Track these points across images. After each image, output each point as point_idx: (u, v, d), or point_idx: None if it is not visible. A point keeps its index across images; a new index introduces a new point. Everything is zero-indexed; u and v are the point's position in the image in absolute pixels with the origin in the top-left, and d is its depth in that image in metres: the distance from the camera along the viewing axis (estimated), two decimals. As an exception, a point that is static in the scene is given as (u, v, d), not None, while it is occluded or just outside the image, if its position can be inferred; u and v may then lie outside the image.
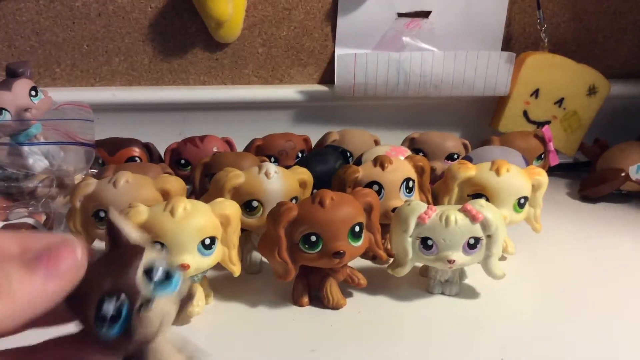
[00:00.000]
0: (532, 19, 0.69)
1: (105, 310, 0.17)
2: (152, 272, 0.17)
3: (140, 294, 0.17)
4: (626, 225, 0.53)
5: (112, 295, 0.17)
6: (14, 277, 0.15)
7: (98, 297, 0.17)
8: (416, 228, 0.36)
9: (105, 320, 0.17)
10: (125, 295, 0.17)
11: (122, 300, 0.17)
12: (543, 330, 0.36)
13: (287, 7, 0.66)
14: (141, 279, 0.17)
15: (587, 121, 0.68)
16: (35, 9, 0.63)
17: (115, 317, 0.17)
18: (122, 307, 0.17)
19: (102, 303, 0.17)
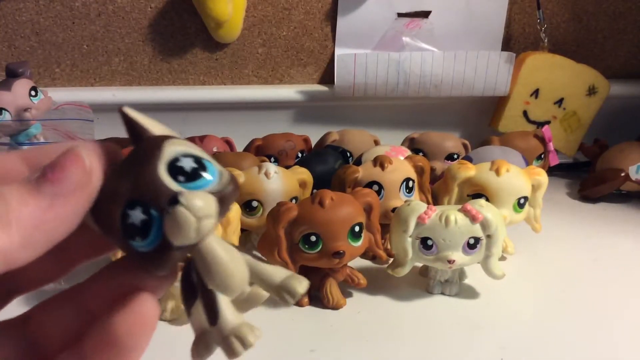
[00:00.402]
0: (532, 19, 0.69)
1: (132, 220, 0.14)
2: (178, 165, 0.14)
3: (168, 191, 0.14)
4: (626, 226, 0.53)
5: (135, 200, 0.14)
6: (15, 201, 0.13)
7: (120, 207, 0.14)
8: (416, 228, 0.36)
9: (135, 231, 0.14)
10: (149, 197, 0.14)
11: (148, 204, 0.14)
12: (543, 330, 0.36)
13: (286, 7, 0.66)
14: (164, 173, 0.14)
15: (586, 121, 0.68)
16: (35, 9, 0.63)
17: (145, 225, 0.14)
18: (150, 212, 0.14)
19: (127, 212, 0.14)
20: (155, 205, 0.14)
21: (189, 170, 0.14)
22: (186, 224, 0.13)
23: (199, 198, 0.14)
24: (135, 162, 0.15)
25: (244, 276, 0.16)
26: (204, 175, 0.15)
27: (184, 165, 0.14)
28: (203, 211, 0.14)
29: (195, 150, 0.15)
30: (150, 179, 0.14)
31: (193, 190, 0.14)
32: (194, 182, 0.14)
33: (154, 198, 0.14)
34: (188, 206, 0.13)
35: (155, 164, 0.14)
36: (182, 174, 0.14)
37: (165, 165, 0.14)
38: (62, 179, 0.14)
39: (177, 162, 0.14)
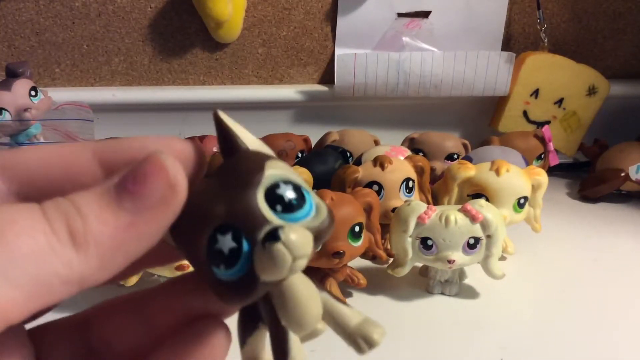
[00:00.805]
0: (532, 19, 0.69)
1: (220, 246, 0.13)
2: (278, 193, 0.13)
3: (265, 222, 0.13)
4: (626, 226, 0.53)
5: (228, 225, 0.13)
6: (93, 218, 0.12)
7: (210, 230, 0.13)
8: (416, 228, 0.36)
9: (221, 259, 0.13)
10: (244, 225, 0.13)
11: (240, 232, 0.13)
12: (542, 330, 0.36)
13: (286, 7, 0.66)
14: (263, 200, 0.13)
15: (586, 121, 0.68)
16: (35, 9, 0.63)
17: (233, 254, 0.13)
18: (241, 241, 0.12)
19: (215, 236, 0.13)
20: (249, 235, 0.13)
21: (287, 201, 0.13)
22: (281, 263, 0.12)
23: (299, 235, 0.12)
24: (231, 182, 0.13)
25: (318, 315, 0.15)
26: (303, 207, 0.13)
27: (284, 194, 0.13)
28: (301, 250, 0.12)
29: (294, 176, 0.14)
30: (248, 205, 0.13)
31: (291, 224, 0.13)
32: (292, 214, 0.13)
33: (250, 227, 0.13)
34: (287, 244, 0.12)
35: (255, 188, 0.13)
36: (280, 204, 0.13)
37: (264, 191, 0.13)
38: (145, 193, 0.12)
39: (277, 190, 0.13)
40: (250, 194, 0.13)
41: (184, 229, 0.13)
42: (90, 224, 0.12)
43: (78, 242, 0.11)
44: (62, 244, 0.11)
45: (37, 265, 0.11)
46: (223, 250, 0.13)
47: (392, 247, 0.38)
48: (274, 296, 0.14)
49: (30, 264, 0.11)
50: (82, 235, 0.11)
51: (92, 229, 0.12)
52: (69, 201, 0.12)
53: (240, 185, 0.13)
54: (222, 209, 0.13)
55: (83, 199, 0.12)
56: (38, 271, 0.11)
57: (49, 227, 0.11)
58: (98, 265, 0.12)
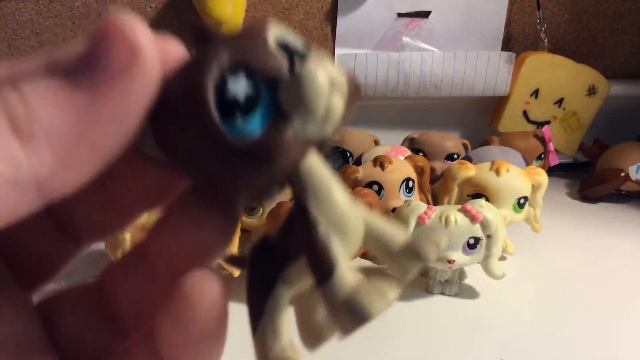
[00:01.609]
0: (532, 19, 0.69)
1: (233, 91, 0.10)
2: (287, 44, 0.11)
3: (282, 59, 0.10)
4: (626, 226, 0.53)
5: (238, 64, 0.10)
6: (37, 99, 0.09)
7: (213, 75, 0.10)
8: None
9: (236, 106, 0.10)
10: (259, 63, 0.10)
11: (255, 72, 0.10)
12: (542, 330, 0.36)
13: (286, 7, 0.66)
14: (275, 47, 0.10)
15: (586, 121, 0.68)
16: (35, 9, 0.63)
17: (251, 99, 0.10)
18: (259, 84, 0.10)
19: (225, 80, 0.10)
20: (267, 73, 0.10)
21: (302, 51, 0.11)
22: (317, 88, 0.10)
23: (329, 62, 0.10)
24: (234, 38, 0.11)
25: (359, 227, 0.12)
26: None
27: (296, 45, 0.11)
28: (336, 78, 0.10)
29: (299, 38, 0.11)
30: (261, 46, 0.10)
31: (317, 62, 0.10)
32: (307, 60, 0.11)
33: (266, 66, 0.10)
34: (319, 65, 0.10)
35: (264, 36, 0.10)
36: (295, 53, 0.11)
37: (274, 41, 0.11)
38: (101, 63, 0.09)
39: (286, 42, 0.11)
40: (261, 38, 0.10)
41: (170, 107, 0.10)
42: (34, 108, 0.09)
43: (21, 131, 0.09)
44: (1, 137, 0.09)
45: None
46: (238, 95, 0.10)
47: (392, 247, 0.38)
48: (311, 196, 0.11)
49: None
50: (25, 123, 0.09)
51: (38, 114, 0.09)
52: (9, 85, 0.09)
53: (246, 37, 0.11)
54: (225, 51, 0.10)
55: (26, 82, 0.09)
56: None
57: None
58: (56, 161, 0.09)
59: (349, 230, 0.12)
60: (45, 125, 0.09)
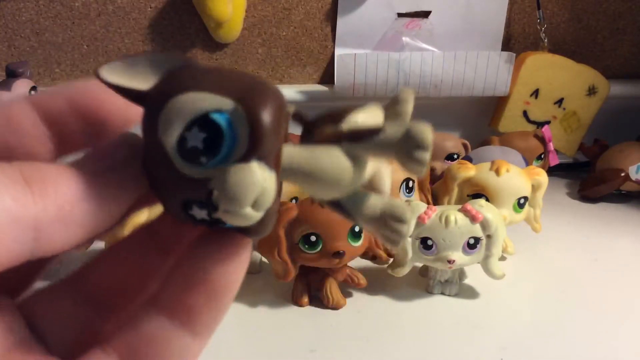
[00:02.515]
0: (532, 19, 0.69)
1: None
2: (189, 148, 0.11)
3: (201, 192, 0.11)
4: (626, 226, 0.53)
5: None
6: (50, 169, 0.11)
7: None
8: (416, 228, 0.36)
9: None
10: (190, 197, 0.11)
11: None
12: (542, 330, 0.36)
13: (286, 7, 0.66)
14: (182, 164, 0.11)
15: (586, 121, 0.68)
16: (35, 9, 0.63)
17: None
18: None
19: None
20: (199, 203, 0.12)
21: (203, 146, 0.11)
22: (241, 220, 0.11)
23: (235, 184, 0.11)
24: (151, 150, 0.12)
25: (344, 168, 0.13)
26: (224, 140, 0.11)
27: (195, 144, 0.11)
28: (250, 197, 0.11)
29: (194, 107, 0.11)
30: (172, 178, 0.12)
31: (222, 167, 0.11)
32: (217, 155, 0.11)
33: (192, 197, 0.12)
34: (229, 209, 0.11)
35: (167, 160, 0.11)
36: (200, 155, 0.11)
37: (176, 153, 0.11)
38: (107, 156, 0.12)
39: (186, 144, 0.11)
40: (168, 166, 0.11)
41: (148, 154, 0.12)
42: (47, 171, 0.11)
43: (33, 181, 0.11)
44: (13, 182, 0.10)
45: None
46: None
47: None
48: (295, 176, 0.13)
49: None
50: (38, 178, 0.11)
51: (49, 174, 0.11)
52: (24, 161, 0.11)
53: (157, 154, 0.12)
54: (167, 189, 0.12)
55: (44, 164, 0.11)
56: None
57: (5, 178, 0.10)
58: (56, 214, 0.11)
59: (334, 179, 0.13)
60: (54, 182, 0.11)
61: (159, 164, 0.12)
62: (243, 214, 0.11)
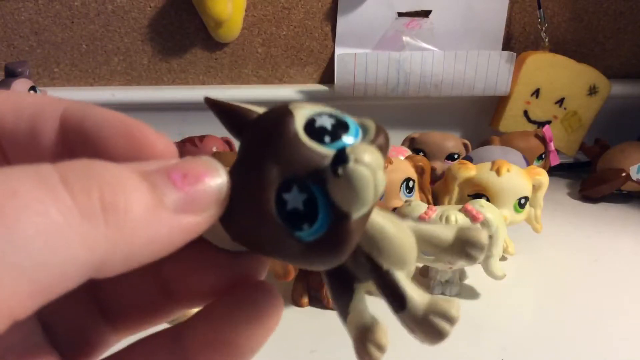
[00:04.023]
0: (533, 19, 0.69)
1: (291, 204, 0.11)
2: (318, 126, 0.12)
3: (322, 157, 0.11)
4: (627, 226, 0.53)
5: (287, 180, 0.11)
6: (136, 194, 0.10)
7: (272, 194, 0.11)
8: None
9: (300, 217, 0.11)
10: (304, 170, 0.11)
11: (304, 180, 0.11)
12: (543, 331, 0.35)
13: (286, 6, 0.66)
14: (307, 139, 0.11)
15: (587, 121, 0.68)
16: (34, 8, 0.63)
17: (310, 206, 0.11)
18: (311, 188, 0.11)
19: (282, 198, 0.11)
20: (314, 177, 0.11)
21: (331, 128, 0.12)
22: (364, 181, 0.10)
23: (364, 147, 0.11)
24: (265, 143, 0.12)
25: (414, 245, 0.13)
26: (349, 128, 0.12)
27: (324, 124, 0.12)
28: (375, 161, 0.11)
29: (323, 108, 0.13)
30: (296, 149, 0.11)
31: (348, 147, 0.11)
32: (342, 139, 0.12)
33: (311, 169, 0.11)
34: (359, 159, 0.10)
35: (292, 130, 0.11)
36: (326, 134, 0.12)
37: (303, 129, 0.12)
38: (193, 196, 0.10)
39: (315, 123, 0.12)
40: (291, 136, 0.11)
41: (238, 211, 0.12)
42: (132, 201, 0.09)
43: (114, 216, 0.09)
44: (84, 218, 0.09)
45: (49, 248, 0.08)
46: (297, 207, 0.11)
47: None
48: (365, 244, 0.13)
49: (38, 247, 0.08)
50: (122, 211, 0.09)
51: (133, 206, 0.09)
52: (104, 169, 0.10)
53: (276, 138, 0.11)
54: (273, 169, 0.11)
55: (122, 172, 0.10)
56: (49, 256, 0.08)
57: (69, 199, 0.09)
58: (124, 253, 0.09)
59: (409, 258, 0.13)
60: (134, 218, 0.10)
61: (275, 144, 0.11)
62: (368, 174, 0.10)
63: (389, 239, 0.13)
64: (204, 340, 0.12)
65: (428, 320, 0.13)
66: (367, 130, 0.12)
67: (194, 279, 0.13)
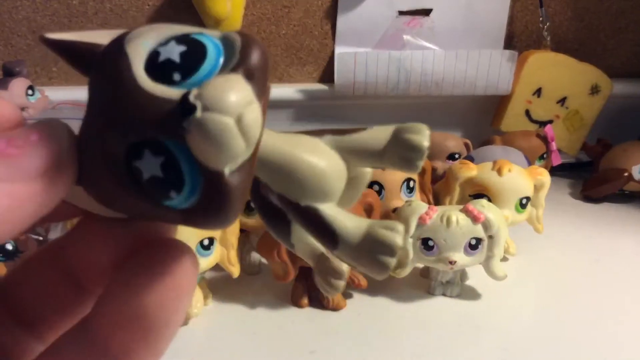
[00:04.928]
0: (534, 17, 0.68)
1: (148, 174, 0.09)
2: (162, 59, 0.09)
3: (169, 105, 0.09)
4: (628, 226, 0.53)
5: (135, 144, 0.09)
6: None
7: (121, 164, 0.09)
8: (417, 229, 0.36)
9: (163, 188, 0.09)
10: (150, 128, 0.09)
11: (155, 140, 0.09)
12: (544, 331, 0.35)
13: (286, 5, 0.66)
14: (149, 82, 0.09)
15: (589, 120, 0.67)
16: (32, 7, 0.62)
17: (170, 169, 0.09)
18: (166, 146, 0.09)
19: (134, 168, 0.09)
20: (166, 132, 0.09)
21: (180, 59, 0.09)
22: (223, 133, 0.08)
23: (219, 87, 0.09)
24: (101, 97, 0.10)
25: (338, 166, 0.11)
26: (206, 55, 0.09)
27: (170, 56, 0.09)
28: (237, 100, 0.09)
29: (171, 29, 0.10)
30: (136, 100, 0.09)
31: (204, 83, 0.09)
32: (197, 71, 0.09)
33: (159, 124, 0.09)
34: (211, 106, 0.08)
35: (128, 76, 0.09)
36: (174, 70, 0.09)
37: (142, 69, 0.09)
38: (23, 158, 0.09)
39: (159, 57, 0.09)
40: (129, 88, 0.09)
41: (93, 180, 0.10)
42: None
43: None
44: None
45: None
46: (156, 174, 0.09)
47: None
48: (270, 181, 0.11)
49: None
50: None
51: None
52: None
53: (110, 91, 0.09)
54: (114, 133, 0.09)
55: None
56: None
57: None
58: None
59: (332, 186, 0.11)
60: None
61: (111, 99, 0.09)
62: (225, 122, 0.08)
63: (295, 170, 0.10)
64: (110, 320, 0.11)
65: (366, 254, 0.11)
66: (232, 50, 0.10)
67: (94, 256, 0.12)
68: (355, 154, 0.12)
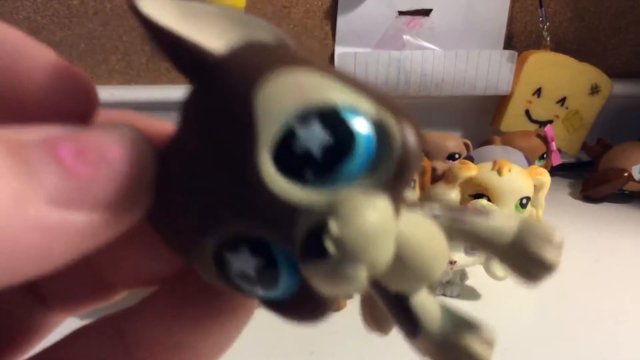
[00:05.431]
0: (534, 18, 0.68)
1: (237, 270, 0.08)
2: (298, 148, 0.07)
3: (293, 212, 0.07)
4: (628, 226, 0.53)
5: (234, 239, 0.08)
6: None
7: (209, 249, 0.08)
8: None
9: (249, 281, 0.08)
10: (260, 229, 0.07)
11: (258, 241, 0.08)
12: (544, 331, 0.35)
13: (286, 5, 0.66)
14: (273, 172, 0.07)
15: (589, 120, 0.67)
16: (33, 7, 0.62)
17: (266, 271, 0.08)
18: (271, 249, 0.08)
19: (223, 257, 0.08)
20: (277, 241, 0.08)
21: (320, 152, 0.07)
22: (350, 284, 0.07)
23: (360, 227, 0.07)
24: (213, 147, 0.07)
25: (442, 250, 0.09)
26: (352, 147, 0.07)
27: (309, 145, 0.07)
28: (375, 251, 0.07)
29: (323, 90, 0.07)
30: (251, 192, 0.07)
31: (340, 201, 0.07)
32: (334, 173, 0.07)
33: (271, 228, 0.07)
34: (344, 255, 0.07)
35: (250, 162, 0.07)
36: (309, 167, 0.07)
37: (270, 159, 0.07)
38: (94, 180, 0.07)
39: (294, 144, 0.07)
40: (248, 174, 0.07)
41: (169, 221, 0.08)
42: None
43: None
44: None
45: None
46: (246, 271, 0.08)
47: (393, 247, 0.38)
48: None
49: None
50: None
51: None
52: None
53: (227, 162, 0.07)
54: (215, 206, 0.07)
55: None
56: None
57: None
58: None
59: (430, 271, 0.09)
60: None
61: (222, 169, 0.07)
62: (357, 276, 0.07)
63: (401, 259, 0.08)
64: (151, 341, 0.10)
65: (449, 351, 0.10)
66: (387, 147, 0.07)
67: (132, 262, 0.10)
68: (469, 241, 0.10)
